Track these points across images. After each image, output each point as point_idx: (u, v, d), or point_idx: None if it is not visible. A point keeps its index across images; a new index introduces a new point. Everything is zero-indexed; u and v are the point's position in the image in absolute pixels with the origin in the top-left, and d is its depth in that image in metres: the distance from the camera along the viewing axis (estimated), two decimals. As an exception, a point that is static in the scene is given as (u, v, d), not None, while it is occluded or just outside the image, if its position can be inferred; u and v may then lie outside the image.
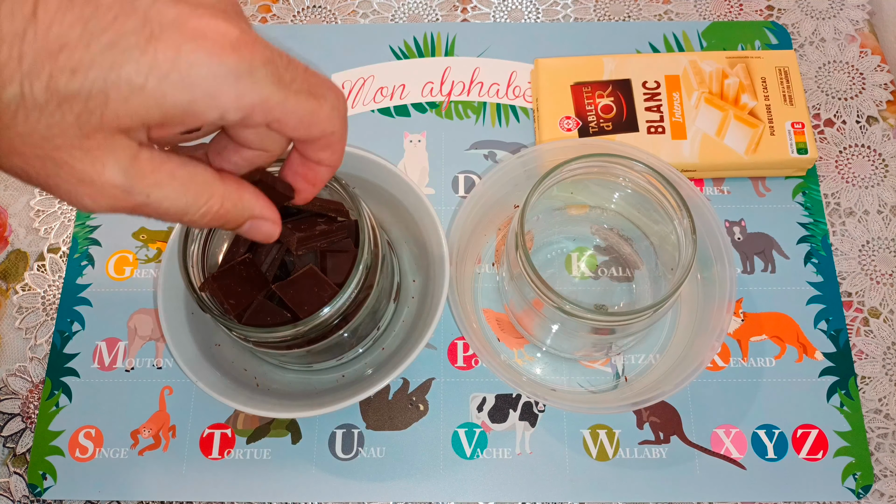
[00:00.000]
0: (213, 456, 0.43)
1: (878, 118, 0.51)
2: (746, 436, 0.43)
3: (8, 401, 0.45)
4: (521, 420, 0.43)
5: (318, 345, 0.36)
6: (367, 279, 0.35)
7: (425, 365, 0.45)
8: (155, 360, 0.45)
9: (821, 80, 0.53)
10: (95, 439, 0.44)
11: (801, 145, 0.46)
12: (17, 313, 0.47)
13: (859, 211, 0.48)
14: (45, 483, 0.43)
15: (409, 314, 0.43)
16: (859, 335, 0.45)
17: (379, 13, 0.56)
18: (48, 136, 0.20)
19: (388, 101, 0.52)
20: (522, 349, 0.45)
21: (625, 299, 0.45)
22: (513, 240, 0.38)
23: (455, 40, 0.54)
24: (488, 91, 0.52)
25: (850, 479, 0.42)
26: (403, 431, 0.43)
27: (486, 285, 0.46)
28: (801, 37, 0.54)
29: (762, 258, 0.47)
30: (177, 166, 0.23)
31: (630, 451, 0.42)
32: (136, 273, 0.48)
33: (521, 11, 0.56)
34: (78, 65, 0.19)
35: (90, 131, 0.20)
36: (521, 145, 0.50)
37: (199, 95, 0.21)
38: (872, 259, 0.47)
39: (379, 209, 0.44)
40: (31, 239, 0.49)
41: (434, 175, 0.50)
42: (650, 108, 0.47)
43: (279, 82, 0.22)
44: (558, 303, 0.36)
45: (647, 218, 0.43)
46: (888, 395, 0.44)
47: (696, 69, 0.48)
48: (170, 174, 0.23)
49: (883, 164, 0.50)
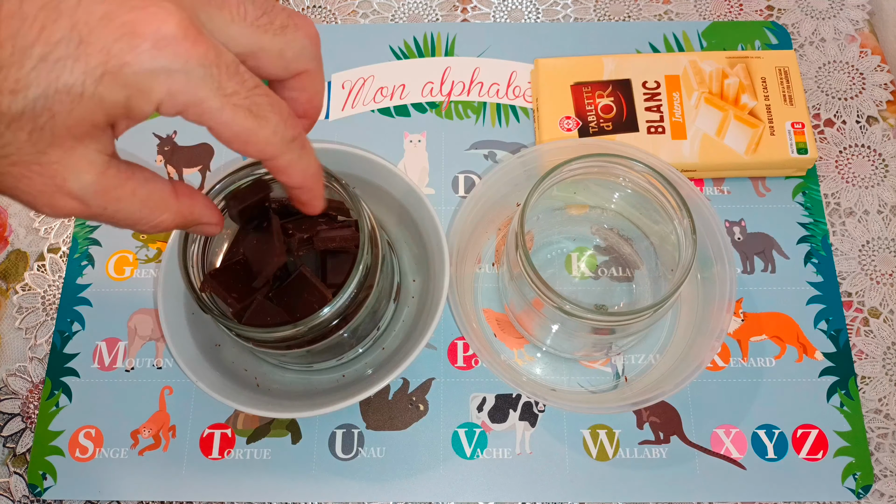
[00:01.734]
0: (213, 456, 0.43)
1: (878, 118, 0.51)
2: (746, 436, 0.43)
3: (8, 401, 0.45)
4: (521, 420, 0.43)
5: (318, 345, 0.36)
6: (367, 279, 0.35)
7: (425, 365, 0.45)
8: (155, 360, 0.45)
9: (821, 80, 0.53)
10: (95, 439, 0.44)
11: (801, 145, 0.46)
12: (17, 313, 0.47)
13: (859, 211, 0.48)
14: (45, 483, 0.43)
15: (409, 314, 0.43)
16: (859, 335, 0.45)
17: (379, 13, 0.56)
18: (4, 155, 0.20)
19: (388, 101, 0.52)
20: (522, 349, 0.45)
21: (625, 299, 0.45)
22: (513, 240, 0.38)
23: (455, 40, 0.54)
24: (488, 91, 0.52)
25: (850, 479, 0.42)
26: (403, 431, 0.43)
27: (486, 285, 0.46)
28: (801, 37, 0.54)
29: (762, 258, 0.47)
30: (139, 184, 0.23)
31: (630, 451, 0.42)
32: (136, 273, 0.48)
33: (521, 11, 0.56)
34: (16, 85, 0.19)
35: (44, 147, 0.20)
36: (521, 145, 0.50)
37: (133, 92, 0.20)
38: (872, 259, 0.47)
39: (379, 209, 0.44)
40: (31, 239, 0.49)
41: (434, 175, 0.50)
42: (650, 108, 0.47)
43: (217, 89, 0.21)
44: (558, 303, 0.36)
45: (647, 218, 0.43)
46: (888, 395, 0.44)
47: (696, 69, 0.48)
48: (130, 192, 0.23)
49: (883, 164, 0.50)
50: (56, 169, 0.21)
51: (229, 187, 0.35)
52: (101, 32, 0.20)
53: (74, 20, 0.19)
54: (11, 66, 0.19)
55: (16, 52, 0.19)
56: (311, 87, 0.26)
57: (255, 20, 0.23)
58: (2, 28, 0.19)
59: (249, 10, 0.23)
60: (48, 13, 0.19)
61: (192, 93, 0.21)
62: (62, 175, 0.21)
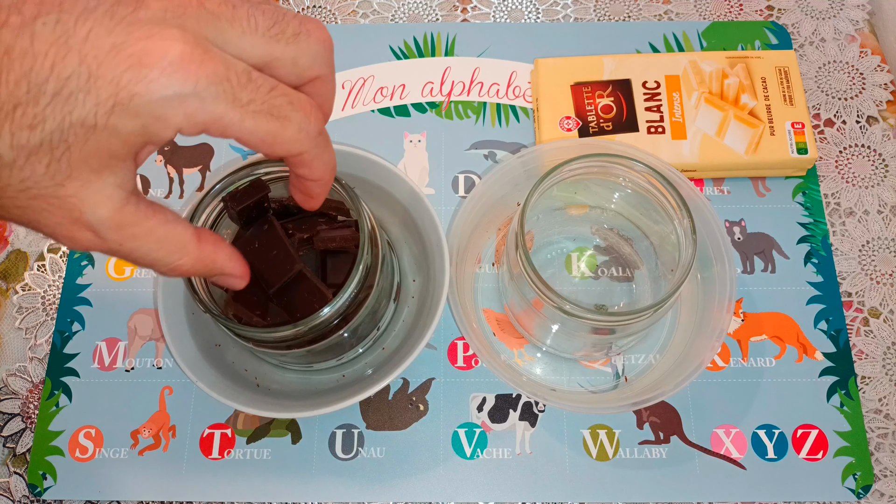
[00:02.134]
0: (213, 456, 0.43)
1: (878, 118, 0.51)
2: (746, 436, 0.43)
3: (8, 401, 0.45)
4: (521, 420, 0.43)
5: (318, 345, 0.36)
6: (367, 279, 0.35)
7: (425, 365, 0.45)
8: (155, 360, 0.45)
9: (821, 80, 0.53)
10: (95, 439, 0.44)
11: (801, 145, 0.46)
12: (17, 313, 0.47)
13: (859, 211, 0.48)
14: (45, 483, 0.43)
15: (409, 314, 0.43)
16: (859, 335, 0.45)
17: (379, 13, 0.56)
18: (23, 189, 0.21)
19: (388, 101, 0.52)
20: (522, 349, 0.45)
21: (625, 299, 0.45)
22: (513, 240, 0.38)
23: (455, 40, 0.54)
24: (488, 91, 0.52)
25: (850, 479, 0.42)
26: (403, 431, 0.43)
27: (486, 285, 0.46)
28: (801, 37, 0.54)
29: (762, 258, 0.47)
30: (159, 223, 0.24)
31: (630, 451, 0.42)
32: (136, 273, 0.48)
33: (521, 11, 0.56)
34: (33, 120, 0.20)
35: (62, 180, 0.21)
36: (521, 145, 0.50)
37: (148, 121, 0.21)
38: (872, 259, 0.47)
39: (379, 209, 0.44)
40: (31, 239, 0.49)
41: (434, 175, 0.50)
42: (650, 108, 0.47)
43: (233, 101, 0.22)
44: (558, 303, 0.36)
45: (647, 218, 0.43)
46: (888, 395, 0.44)
47: (696, 69, 0.48)
48: (148, 231, 0.24)
49: (883, 164, 0.50)
50: (73, 202, 0.21)
51: (228, 187, 0.35)
52: (110, 65, 0.20)
53: (83, 54, 0.20)
54: (28, 103, 0.20)
55: (31, 89, 0.20)
56: (324, 92, 0.26)
57: (266, 31, 0.23)
58: (15, 66, 0.20)
59: (260, 20, 0.23)
60: (58, 49, 0.20)
61: (208, 111, 0.21)
62: (79, 208, 0.22)
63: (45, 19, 0.20)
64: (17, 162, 0.20)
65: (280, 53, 0.24)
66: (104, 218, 0.22)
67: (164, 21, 0.21)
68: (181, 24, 0.21)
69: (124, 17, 0.20)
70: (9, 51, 0.20)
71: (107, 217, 0.22)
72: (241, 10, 0.23)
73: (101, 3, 0.20)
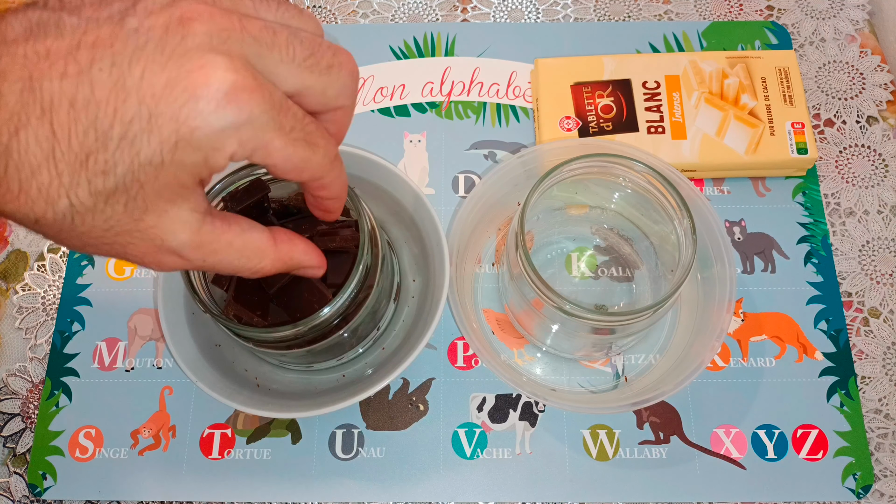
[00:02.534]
0: (213, 456, 0.43)
1: (878, 118, 0.51)
2: (746, 436, 0.43)
3: (8, 401, 0.45)
4: (521, 420, 0.43)
5: (318, 345, 0.36)
6: (367, 279, 0.35)
7: (425, 365, 0.45)
8: (155, 360, 0.45)
9: (821, 80, 0.53)
10: (95, 439, 0.44)
11: (801, 145, 0.46)
12: (17, 313, 0.47)
13: (859, 211, 0.48)
14: (45, 483, 0.43)
15: (409, 314, 0.43)
16: (859, 335, 0.45)
17: (379, 13, 0.56)
18: (107, 228, 0.22)
19: (388, 101, 0.52)
20: (522, 349, 0.45)
21: (625, 299, 0.45)
22: (513, 240, 0.38)
23: (455, 40, 0.54)
24: (488, 91, 0.52)
25: (850, 479, 0.42)
26: (403, 431, 0.43)
27: (486, 285, 0.46)
28: (801, 37, 0.54)
29: (762, 258, 0.47)
30: (235, 235, 0.25)
31: (630, 451, 0.42)
32: (136, 273, 0.48)
33: (521, 11, 0.56)
34: (105, 166, 0.21)
35: (140, 215, 0.22)
36: (521, 145, 0.50)
37: (208, 152, 0.22)
38: (872, 259, 0.47)
39: (379, 209, 0.44)
40: (31, 239, 0.49)
41: (434, 175, 0.50)
42: (650, 108, 0.47)
43: (280, 129, 0.22)
44: (558, 303, 0.36)
45: (647, 218, 0.43)
46: (888, 395, 0.44)
47: (696, 69, 0.48)
48: (227, 243, 0.25)
49: (883, 164, 0.50)
50: (154, 232, 0.23)
51: (228, 187, 0.35)
52: (167, 101, 0.21)
53: (141, 95, 0.20)
54: (98, 150, 0.20)
55: (99, 136, 0.20)
56: (343, 122, 0.27)
57: (303, 61, 0.23)
58: (81, 117, 0.20)
59: (298, 50, 0.23)
60: (117, 94, 0.20)
61: (259, 139, 0.22)
62: (160, 237, 0.23)
63: (101, 65, 0.20)
64: (98, 206, 0.21)
65: (312, 83, 0.24)
66: (185, 241, 0.24)
67: (211, 48, 0.21)
68: (227, 49, 0.21)
69: (174, 49, 0.21)
70: (73, 102, 0.20)
71: (187, 240, 0.24)
72: (280, 36, 0.23)
73: (150, 37, 0.21)
